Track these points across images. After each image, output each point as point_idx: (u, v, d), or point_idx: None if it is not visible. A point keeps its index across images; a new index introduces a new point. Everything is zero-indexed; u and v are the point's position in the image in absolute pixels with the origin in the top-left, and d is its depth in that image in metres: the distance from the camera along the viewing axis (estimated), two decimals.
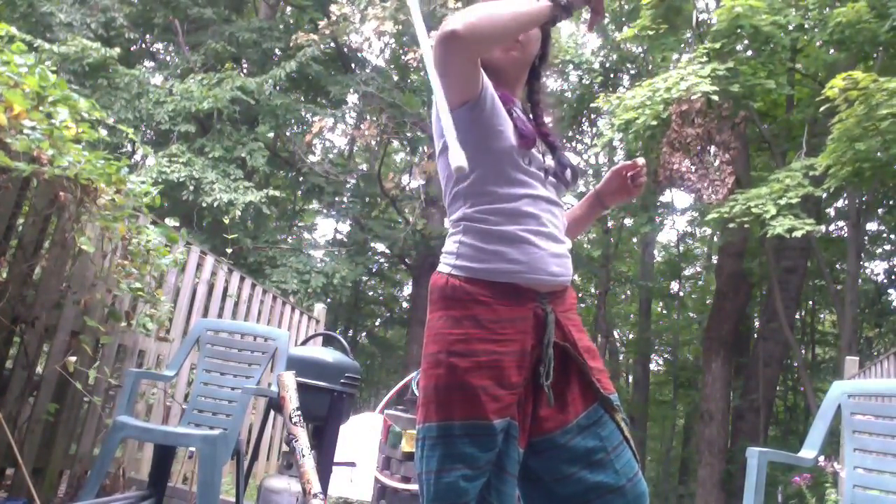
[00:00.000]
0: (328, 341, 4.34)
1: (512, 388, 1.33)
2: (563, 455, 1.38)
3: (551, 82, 11.73)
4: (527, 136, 1.41)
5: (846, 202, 10.69)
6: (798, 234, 6.87)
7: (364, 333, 19.59)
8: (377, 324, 19.83)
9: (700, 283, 18.54)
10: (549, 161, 1.47)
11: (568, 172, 1.50)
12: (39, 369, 2.75)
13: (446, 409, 1.32)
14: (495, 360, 1.32)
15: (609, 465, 1.38)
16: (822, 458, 2.59)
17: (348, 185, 13.26)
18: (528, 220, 1.38)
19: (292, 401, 1.86)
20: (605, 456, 1.38)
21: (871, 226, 12.79)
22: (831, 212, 12.39)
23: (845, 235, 10.90)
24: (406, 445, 4.08)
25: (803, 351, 14.14)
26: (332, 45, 11.95)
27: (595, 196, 1.71)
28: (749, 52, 8.26)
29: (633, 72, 13.18)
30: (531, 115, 1.56)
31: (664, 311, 19.02)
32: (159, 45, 14.61)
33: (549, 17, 1.37)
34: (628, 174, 1.64)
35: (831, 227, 12.64)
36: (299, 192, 14.79)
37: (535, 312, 1.37)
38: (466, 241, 1.38)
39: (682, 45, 9.56)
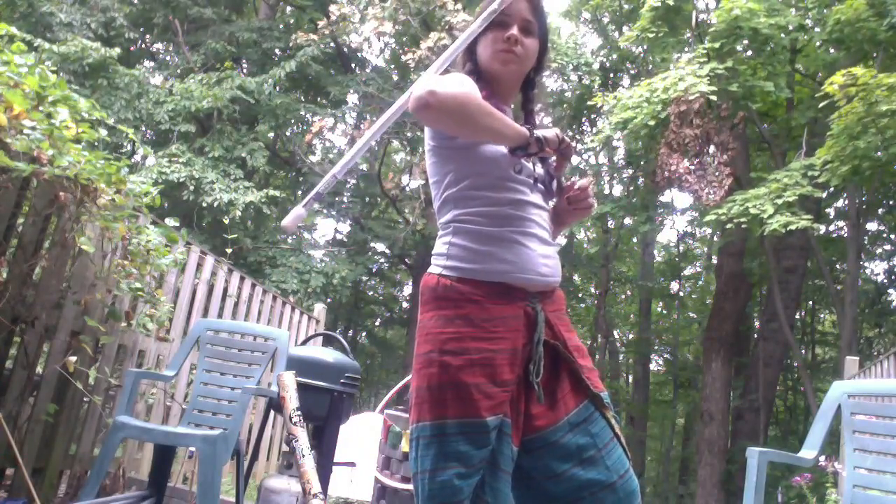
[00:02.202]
0: (328, 341, 4.34)
1: (504, 386, 1.34)
2: (554, 452, 1.39)
3: (551, 82, 11.73)
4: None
5: (846, 202, 10.68)
6: (794, 227, 6.88)
7: (364, 333, 19.58)
8: (377, 324, 19.81)
9: (700, 283, 18.54)
10: (539, 170, 1.50)
11: (554, 183, 1.54)
12: (39, 369, 2.75)
13: (440, 407, 1.33)
14: (488, 357, 1.33)
15: (600, 462, 1.39)
16: (822, 459, 2.59)
17: (348, 185, 13.26)
18: (517, 223, 1.41)
19: (292, 401, 1.86)
20: (597, 453, 1.39)
21: (871, 226, 12.79)
22: (831, 212, 12.38)
23: (845, 235, 10.89)
24: (406, 445, 4.08)
25: (803, 351, 14.14)
26: (332, 45, 11.94)
27: (553, 213, 1.65)
28: (749, 52, 8.26)
29: (633, 72, 13.19)
30: (523, 124, 1.57)
31: (664, 311, 19.01)
32: (159, 45, 14.61)
33: (521, 145, 1.36)
34: (566, 196, 1.57)
35: (831, 227, 12.64)
36: (299, 192, 14.78)
37: (525, 311, 1.39)
38: (457, 242, 1.41)
39: (683, 47, 9.55)
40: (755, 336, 13.36)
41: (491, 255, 1.38)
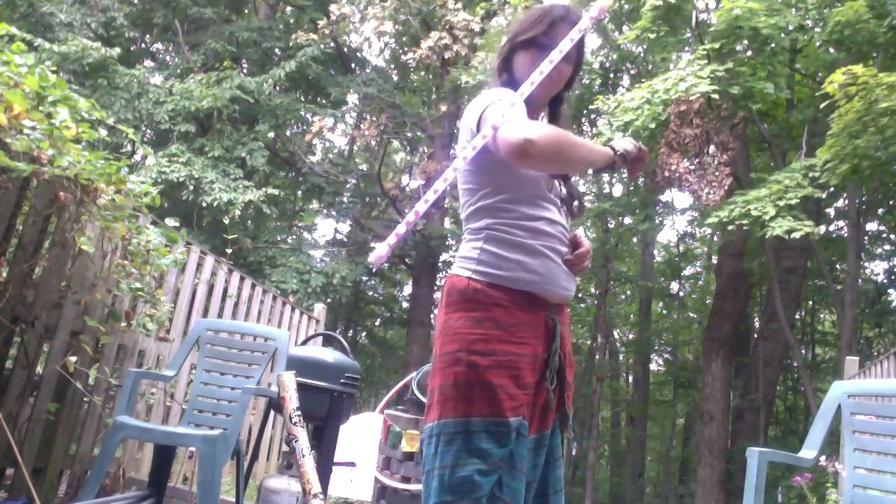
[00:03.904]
0: (328, 341, 4.34)
1: (525, 389, 1.41)
2: (536, 458, 1.49)
3: None
4: None
5: (846, 202, 10.67)
6: (797, 234, 6.87)
7: (364, 333, 19.57)
8: (377, 324, 19.80)
9: (700, 283, 18.52)
10: (563, 190, 1.58)
11: (575, 204, 1.61)
12: (39, 369, 2.75)
13: (466, 405, 1.37)
14: (513, 360, 1.39)
15: (549, 472, 1.51)
16: (822, 459, 2.59)
17: (348, 185, 13.26)
18: (546, 238, 1.48)
19: (292, 401, 1.86)
20: (547, 465, 1.51)
21: (871, 226, 12.78)
22: (831, 212, 12.38)
23: (845, 235, 10.88)
24: (406, 445, 4.08)
25: (803, 351, 14.12)
26: (332, 45, 11.94)
27: None
28: (749, 52, 8.25)
29: (633, 72, 13.17)
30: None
31: (664, 311, 19.00)
32: (159, 45, 14.61)
33: (608, 165, 1.47)
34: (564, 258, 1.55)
35: (831, 227, 12.62)
36: (299, 192, 14.78)
37: (545, 321, 1.47)
38: (488, 248, 1.46)
39: (684, 47, 9.55)
40: (755, 336, 13.35)
41: (521, 264, 1.44)
